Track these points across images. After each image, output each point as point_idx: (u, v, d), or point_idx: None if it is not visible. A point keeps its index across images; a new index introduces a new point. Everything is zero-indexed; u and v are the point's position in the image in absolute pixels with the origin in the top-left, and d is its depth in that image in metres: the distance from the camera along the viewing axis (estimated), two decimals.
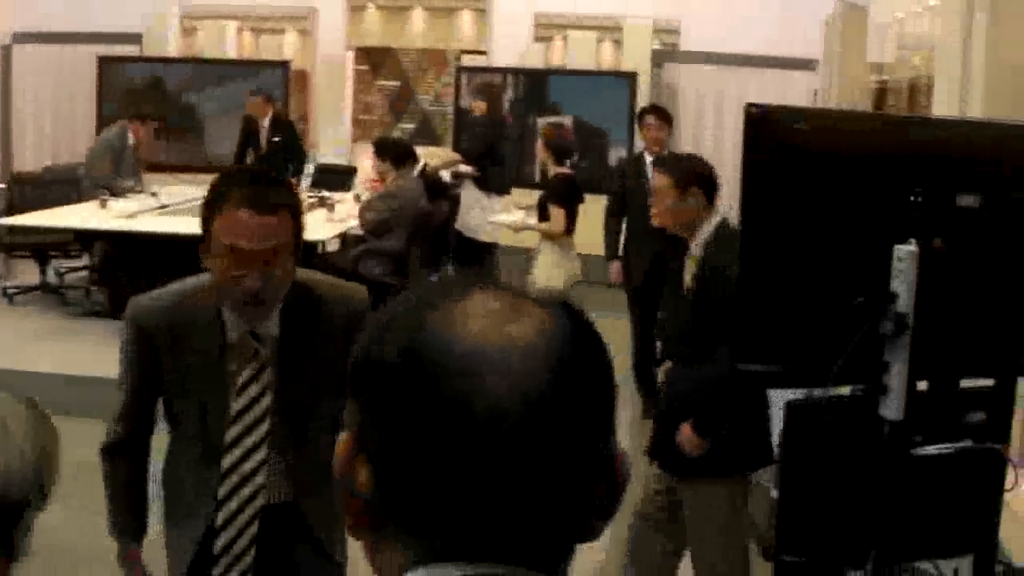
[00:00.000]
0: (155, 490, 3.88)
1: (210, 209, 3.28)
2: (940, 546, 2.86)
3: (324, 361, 3.47)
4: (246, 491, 3.52)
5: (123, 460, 3.76)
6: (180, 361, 3.48)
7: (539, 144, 9.85)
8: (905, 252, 2.66)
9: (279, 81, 16.83)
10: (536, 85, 16.55)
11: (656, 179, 5.37)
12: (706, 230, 5.22)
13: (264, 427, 3.50)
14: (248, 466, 3.51)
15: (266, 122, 14.14)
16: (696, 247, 5.21)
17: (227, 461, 3.50)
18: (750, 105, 2.78)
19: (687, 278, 5.26)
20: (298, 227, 3.33)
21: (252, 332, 3.44)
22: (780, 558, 2.80)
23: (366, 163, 10.56)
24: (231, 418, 3.48)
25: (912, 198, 2.73)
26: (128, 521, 3.83)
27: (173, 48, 18.25)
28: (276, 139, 13.99)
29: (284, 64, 17.32)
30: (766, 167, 2.77)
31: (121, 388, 3.67)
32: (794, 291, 2.81)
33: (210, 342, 3.44)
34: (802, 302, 2.82)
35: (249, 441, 3.51)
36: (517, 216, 10.41)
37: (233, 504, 3.52)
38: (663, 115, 9.79)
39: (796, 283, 2.81)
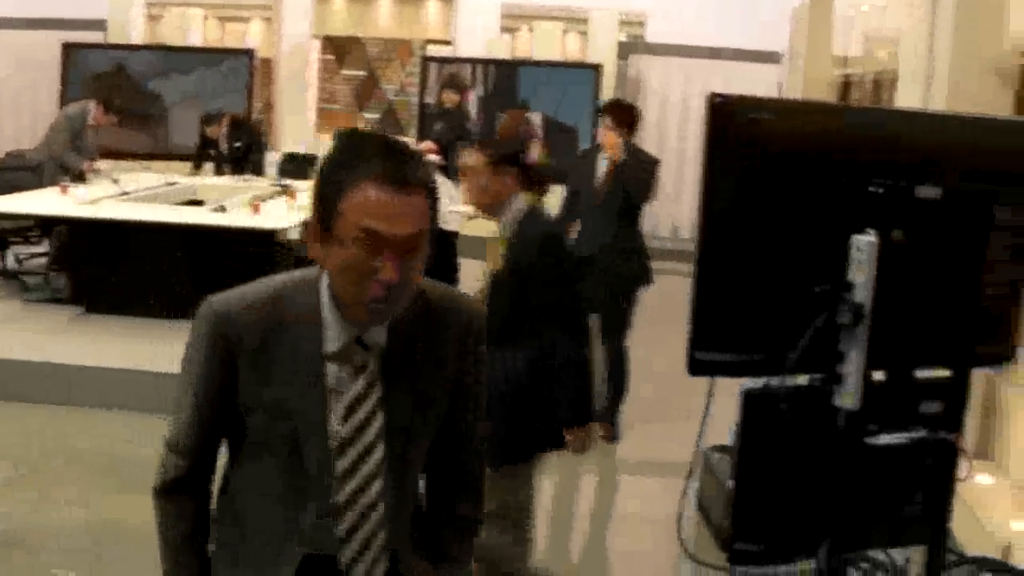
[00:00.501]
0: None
1: (335, 183, 2.76)
2: (893, 535, 2.87)
3: (430, 379, 3.04)
4: (368, 526, 3.01)
5: (186, 502, 3.13)
6: (268, 376, 2.92)
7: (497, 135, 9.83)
8: (864, 243, 2.67)
9: (244, 69, 16.80)
10: (502, 76, 16.53)
11: (471, 157, 5.45)
12: (515, 210, 5.30)
13: (379, 453, 2.98)
14: (366, 499, 2.98)
15: (224, 130, 14.26)
16: (504, 227, 5.30)
17: (342, 495, 2.97)
18: (713, 95, 2.78)
19: (491, 260, 5.34)
20: (434, 212, 2.84)
21: (359, 339, 2.94)
22: (735, 547, 2.80)
23: None
24: (340, 444, 2.94)
25: (872, 189, 2.73)
26: None
27: (138, 35, 18.20)
28: (237, 144, 14.13)
29: (248, 52, 17.31)
30: (727, 156, 2.77)
31: (187, 409, 3.04)
32: (753, 280, 2.81)
33: (308, 353, 2.90)
34: (761, 291, 2.82)
35: (366, 469, 2.98)
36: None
37: (356, 543, 3.01)
38: (619, 116, 9.40)
39: (756, 272, 2.81)
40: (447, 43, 18.39)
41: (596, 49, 16.89)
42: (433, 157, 11.98)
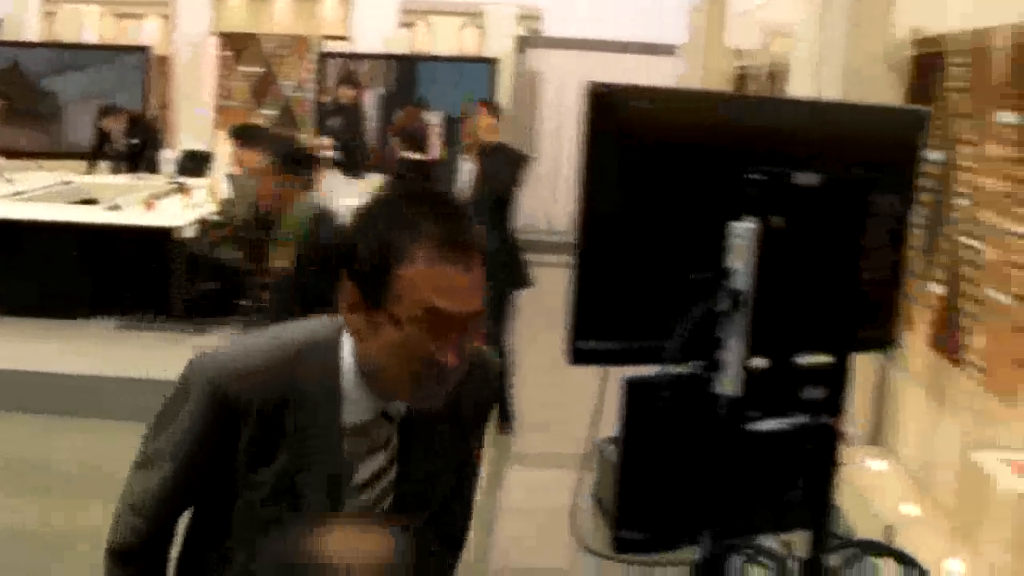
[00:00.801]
0: None
1: (387, 249, 2.37)
2: (777, 521, 2.89)
3: (447, 450, 2.75)
4: None
5: (141, 569, 2.77)
6: (274, 451, 2.55)
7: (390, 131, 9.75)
8: (742, 229, 2.68)
9: (139, 66, 16.67)
10: (401, 71, 16.52)
11: (246, 155, 5.40)
12: (302, 210, 5.27)
13: None
14: None
15: (122, 127, 14.17)
16: (292, 228, 5.25)
17: None
18: (593, 83, 2.78)
19: (278, 261, 5.29)
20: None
21: (384, 412, 2.60)
22: (620, 535, 2.81)
23: (228, 149, 10.52)
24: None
25: (751, 176, 2.74)
26: None
27: (33, 32, 18.00)
28: (135, 141, 14.05)
29: (143, 49, 17.17)
30: (607, 144, 2.77)
31: (160, 473, 2.65)
32: (634, 268, 2.82)
33: (324, 426, 2.54)
34: (643, 279, 2.83)
35: None
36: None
37: None
38: (490, 110, 9.19)
39: (636, 261, 2.82)
40: (345, 39, 18.33)
41: (493, 43, 16.92)
42: (329, 153, 11.95)
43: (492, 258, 7.96)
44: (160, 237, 10.65)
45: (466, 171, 8.81)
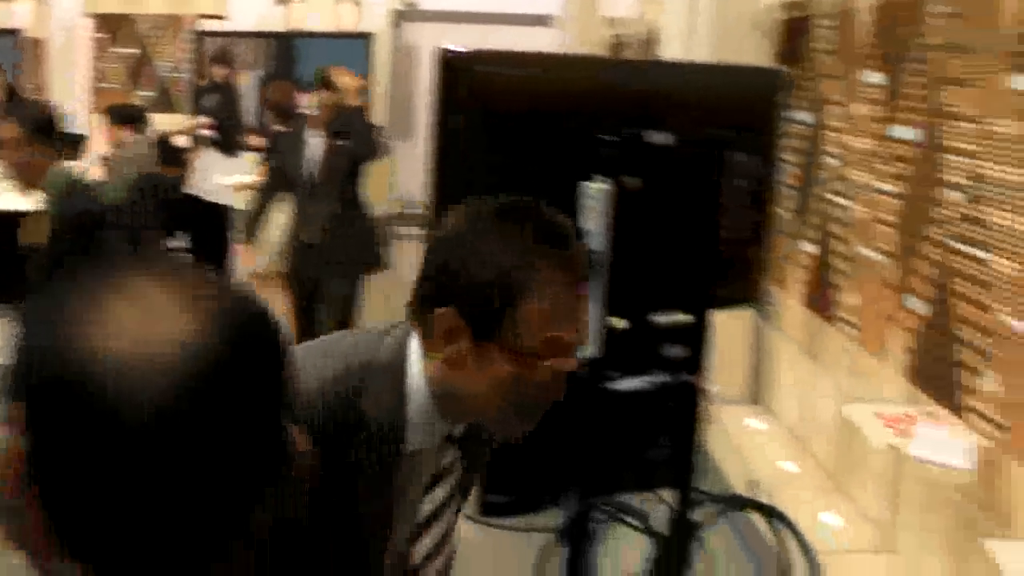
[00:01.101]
0: None
1: (507, 279, 2.11)
2: (642, 480, 2.91)
3: (484, 463, 2.56)
4: None
5: None
6: (333, 488, 2.16)
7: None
8: (594, 190, 2.69)
9: (10, 49, 16.44)
10: (279, 49, 16.42)
11: (5, 129, 5.35)
12: (55, 179, 5.23)
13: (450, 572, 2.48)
14: None
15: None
16: (47, 201, 5.22)
17: None
18: (444, 49, 2.78)
19: (30, 237, 5.25)
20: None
21: (448, 436, 2.34)
22: (486, 499, 2.81)
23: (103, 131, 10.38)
24: (417, 563, 2.36)
25: (604, 137, 2.75)
26: None
27: None
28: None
29: (14, 32, 16.92)
30: (460, 109, 2.77)
31: None
32: None
33: (383, 452, 2.21)
34: None
35: None
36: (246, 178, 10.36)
37: None
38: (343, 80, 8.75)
39: None
40: (221, 18, 18.15)
41: (371, 18, 16.85)
42: (207, 132, 11.85)
43: (349, 237, 7.55)
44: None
45: (314, 145, 8.25)
